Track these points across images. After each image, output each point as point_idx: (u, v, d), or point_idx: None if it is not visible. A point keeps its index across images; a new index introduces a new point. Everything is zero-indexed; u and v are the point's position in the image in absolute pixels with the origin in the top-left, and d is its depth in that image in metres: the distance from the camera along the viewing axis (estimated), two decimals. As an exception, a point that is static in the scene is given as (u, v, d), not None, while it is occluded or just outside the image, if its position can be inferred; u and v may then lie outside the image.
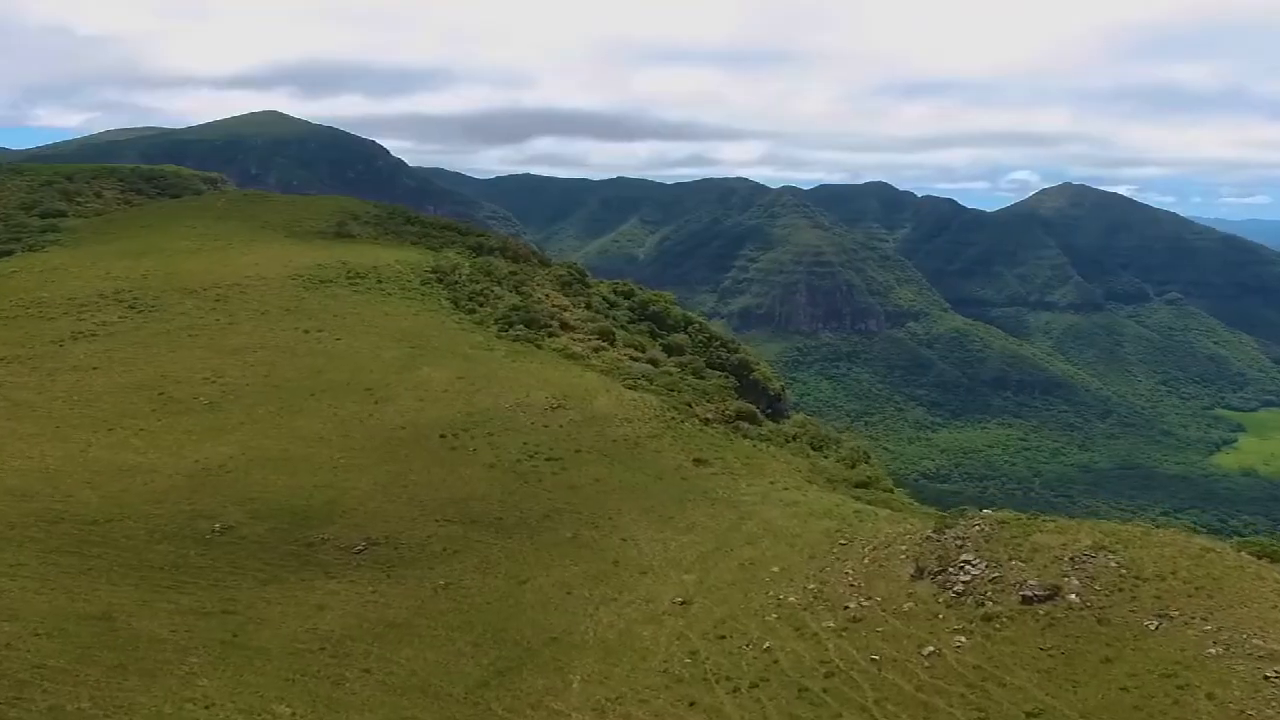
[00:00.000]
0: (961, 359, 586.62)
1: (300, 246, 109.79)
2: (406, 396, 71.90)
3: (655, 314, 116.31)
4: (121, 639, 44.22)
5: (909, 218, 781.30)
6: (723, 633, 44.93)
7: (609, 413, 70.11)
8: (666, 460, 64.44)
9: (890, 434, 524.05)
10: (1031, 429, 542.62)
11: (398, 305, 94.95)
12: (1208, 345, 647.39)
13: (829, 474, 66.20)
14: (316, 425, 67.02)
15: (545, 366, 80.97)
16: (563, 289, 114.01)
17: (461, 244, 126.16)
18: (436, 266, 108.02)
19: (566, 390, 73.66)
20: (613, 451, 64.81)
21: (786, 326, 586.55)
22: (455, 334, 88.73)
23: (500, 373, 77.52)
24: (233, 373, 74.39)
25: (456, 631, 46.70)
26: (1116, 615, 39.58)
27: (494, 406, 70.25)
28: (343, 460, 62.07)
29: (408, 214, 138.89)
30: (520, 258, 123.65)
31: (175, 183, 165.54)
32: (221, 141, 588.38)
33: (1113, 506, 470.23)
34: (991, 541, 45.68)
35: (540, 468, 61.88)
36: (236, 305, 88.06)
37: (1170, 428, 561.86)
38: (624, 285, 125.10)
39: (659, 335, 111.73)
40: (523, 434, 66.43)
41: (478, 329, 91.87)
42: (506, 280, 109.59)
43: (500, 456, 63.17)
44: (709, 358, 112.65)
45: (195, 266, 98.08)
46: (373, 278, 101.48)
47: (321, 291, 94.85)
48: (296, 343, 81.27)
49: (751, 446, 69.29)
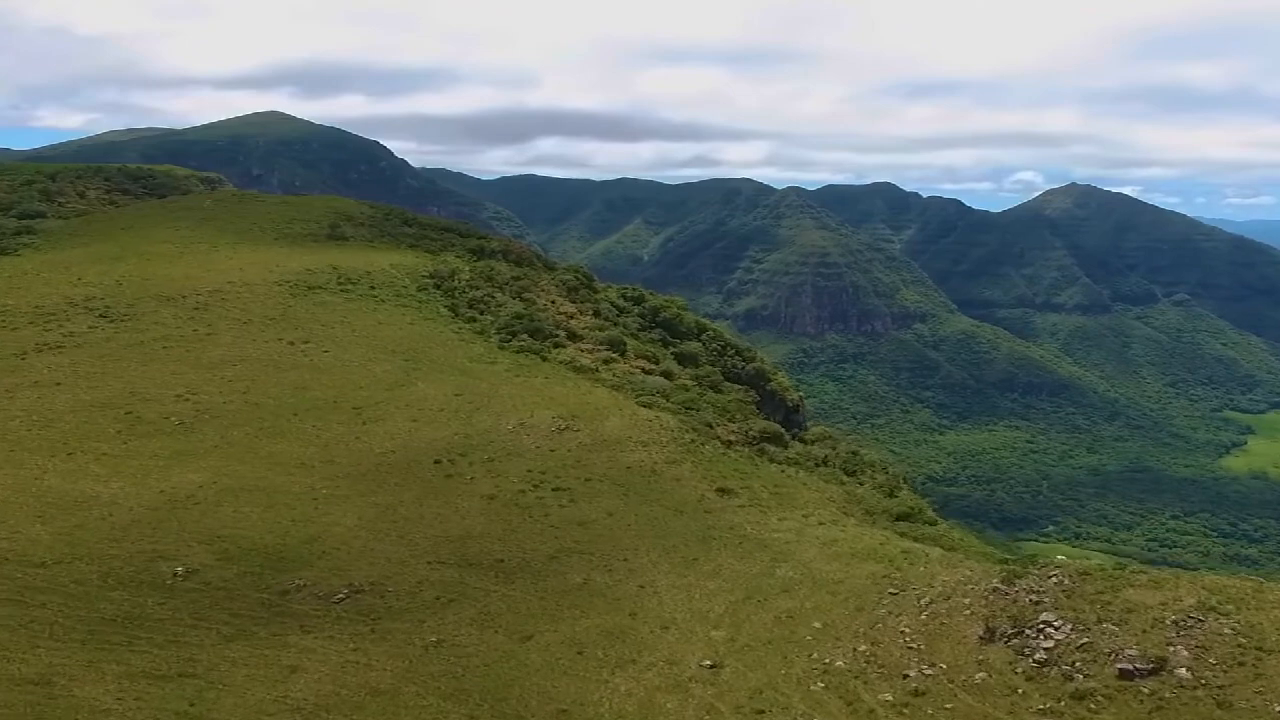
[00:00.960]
0: (968, 361, 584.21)
1: (289, 250, 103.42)
2: (398, 416, 65.41)
3: (666, 321, 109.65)
4: (60, 709, 37.69)
5: (915, 219, 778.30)
6: (760, 706, 38.25)
7: (622, 435, 63.54)
8: (687, 490, 57.77)
9: (897, 436, 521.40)
10: (1039, 431, 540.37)
11: (391, 313, 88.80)
12: (1216, 347, 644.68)
13: (866, 504, 59.44)
14: (298, 449, 60.51)
15: (551, 381, 74.65)
16: (569, 295, 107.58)
17: (461, 247, 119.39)
18: (434, 271, 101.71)
19: (575, 409, 67.15)
20: (627, 480, 58.19)
21: (792, 328, 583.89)
22: (453, 345, 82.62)
23: (502, 389, 71.08)
24: (209, 389, 67.81)
25: (449, 701, 40.07)
26: (1240, 697, 32.89)
27: (495, 428, 63.75)
28: (325, 490, 55.52)
29: (404, 215, 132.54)
30: (523, 261, 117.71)
31: (165, 183, 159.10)
32: (223, 142, 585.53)
33: (1122, 510, 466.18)
34: (1074, 598, 39.11)
35: (546, 499, 55.25)
36: (217, 314, 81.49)
37: (1179, 430, 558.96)
38: (633, 290, 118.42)
39: (671, 344, 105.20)
40: (526, 459, 59.91)
41: (478, 339, 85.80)
42: (509, 286, 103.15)
43: (501, 486, 56.62)
44: (723, 367, 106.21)
45: (175, 271, 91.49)
46: (365, 284, 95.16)
47: (309, 299, 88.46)
48: (280, 355, 74.76)
49: (780, 472, 62.62)
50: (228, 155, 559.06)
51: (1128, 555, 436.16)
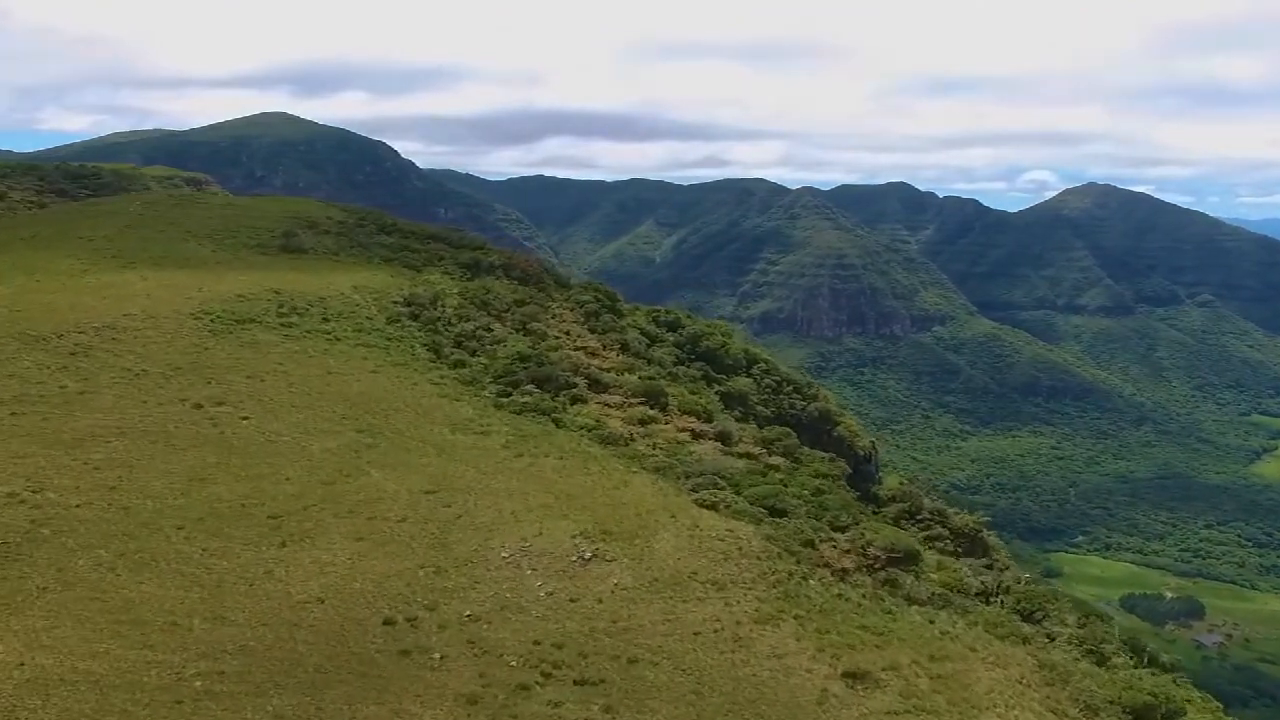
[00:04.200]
0: (990, 365, 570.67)
1: (223, 268, 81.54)
2: (337, 532, 42.67)
3: (709, 352, 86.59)
4: None
5: (931, 219, 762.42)
6: None
7: (681, 567, 40.70)
8: (798, 681, 34.81)
9: (918, 443, 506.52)
10: (1064, 437, 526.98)
11: (347, 358, 65.51)
12: (1242, 349, 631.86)
13: (1076, 686, 36.10)
14: (171, 593, 37.91)
15: (569, 464, 51.89)
16: (587, 322, 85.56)
17: (451, 261, 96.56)
18: (412, 295, 78.42)
19: (605, 517, 44.14)
20: (697, 662, 35.33)
21: (809, 331, 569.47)
22: (430, 404, 59.18)
23: (496, 481, 48.26)
24: (59, 483, 44.99)
25: None
26: None
27: (482, 556, 41.03)
28: (200, 682, 32.85)
29: (382, 220, 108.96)
30: (530, 279, 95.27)
31: (111, 182, 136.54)
32: (226, 143, 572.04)
33: (1153, 519, 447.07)
34: None
35: (565, 710, 32.58)
36: (100, 361, 58.07)
37: (1208, 435, 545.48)
38: (668, 313, 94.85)
39: (714, 380, 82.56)
40: (531, 619, 37.20)
41: (466, 393, 62.70)
42: (510, 314, 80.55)
43: (489, 676, 33.93)
44: (778, 408, 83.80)
45: (62, 299, 67.57)
46: (316, 314, 71.58)
47: (235, 337, 65.14)
48: (178, 426, 51.68)
49: (929, 626, 39.52)
50: (230, 156, 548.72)
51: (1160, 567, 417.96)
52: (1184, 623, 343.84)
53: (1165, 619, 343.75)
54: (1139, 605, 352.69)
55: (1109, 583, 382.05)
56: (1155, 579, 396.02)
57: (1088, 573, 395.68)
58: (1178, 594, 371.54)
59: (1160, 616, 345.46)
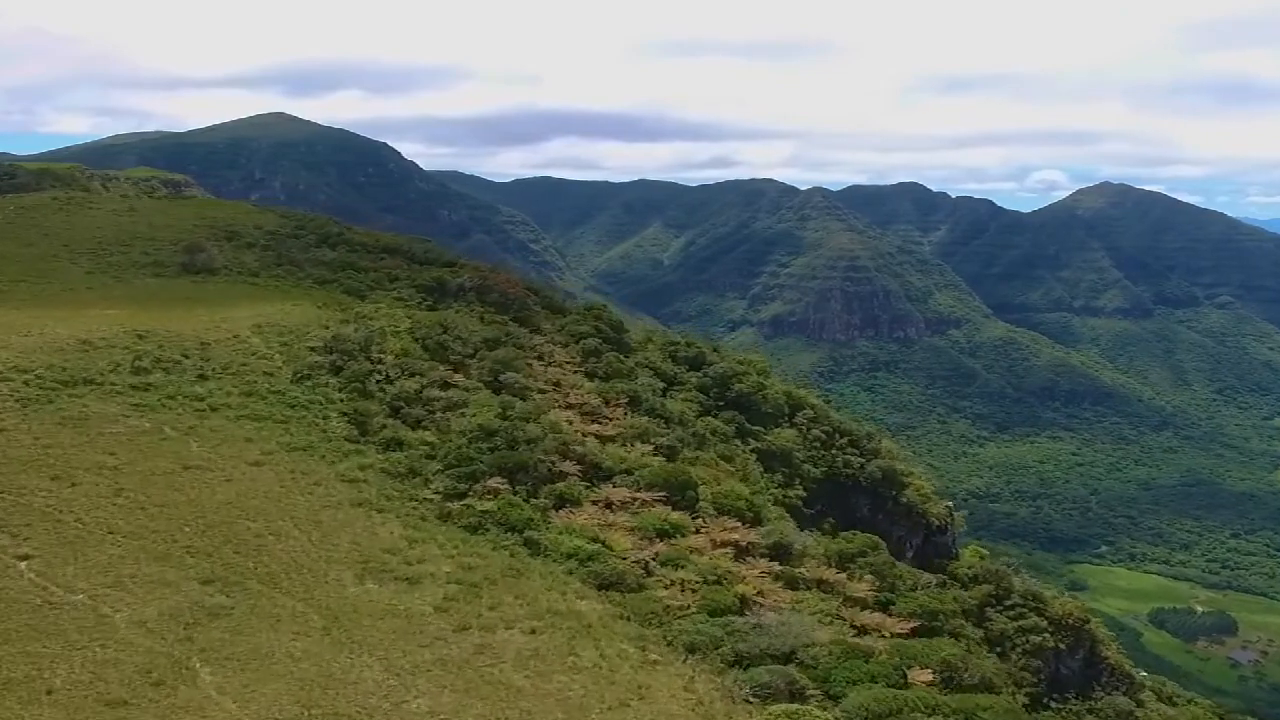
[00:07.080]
0: (1007, 368, 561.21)
1: (91, 295, 64.39)
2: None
3: (742, 397, 73.55)
4: None
5: (944, 219, 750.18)
6: None
7: None
8: None
9: (934, 449, 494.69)
10: (1084, 442, 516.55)
11: (220, 440, 45.94)
12: (1263, 351, 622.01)
13: None
14: None
15: (544, 648, 33.14)
16: (585, 362, 68.65)
17: (409, 282, 77.97)
18: (337, 337, 58.37)
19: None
20: None
21: (821, 335, 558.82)
22: (335, 522, 40.38)
23: (414, 697, 29.59)
24: None
25: None
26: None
27: None
28: None
29: (329, 229, 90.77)
30: (511, 304, 76.74)
31: (26, 183, 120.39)
32: (225, 144, 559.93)
33: (1178, 528, 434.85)
34: None
35: None
36: None
37: (1231, 440, 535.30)
38: (690, 344, 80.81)
39: (749, 433, 70.54)
40: None
41: (397, 495, 44.10)
42: (478, 359, 61.67)
43: None
44: (830, 466, 72.11)
45: None
46: (191, 369, 52.67)
47: (55, 408, 45.98)
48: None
49: None
50: (229, 158, 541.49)
51: (1188, 579, 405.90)
52: (1216, 639, 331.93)
53: (1197, 634, 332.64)
54: (1169, 620, 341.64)
55: (1137, 595, 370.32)
56: (1184, 591, 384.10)
57: (1114, 585, 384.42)
58: (1208, 607, 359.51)
59: (1192, 632, 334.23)
